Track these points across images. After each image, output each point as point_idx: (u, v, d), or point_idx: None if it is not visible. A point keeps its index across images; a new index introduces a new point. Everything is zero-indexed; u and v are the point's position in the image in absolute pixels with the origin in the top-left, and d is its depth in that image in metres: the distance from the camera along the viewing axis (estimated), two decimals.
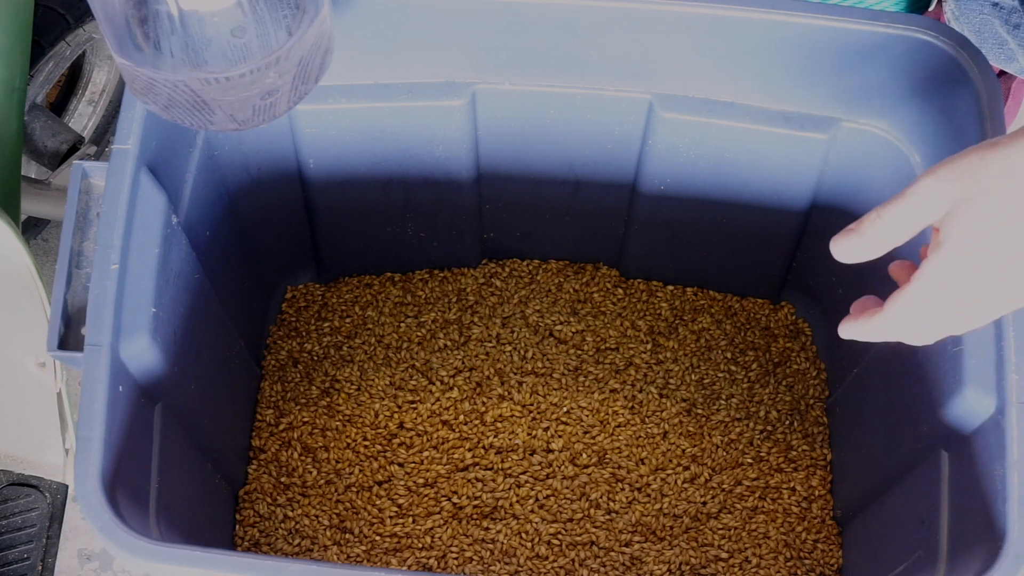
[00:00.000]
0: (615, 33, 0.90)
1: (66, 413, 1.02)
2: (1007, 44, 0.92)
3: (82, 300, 0.80)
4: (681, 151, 0.99)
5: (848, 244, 0.66)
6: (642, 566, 1.04)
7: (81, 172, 0.82)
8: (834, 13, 0.87)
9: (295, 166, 1.02)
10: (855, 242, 0.66)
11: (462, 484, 1.07)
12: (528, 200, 1.09)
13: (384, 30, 0.92)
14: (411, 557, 1.04)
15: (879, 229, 0.65)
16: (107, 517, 0.73)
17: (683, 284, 1.16)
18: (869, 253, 0.66)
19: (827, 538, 1.06)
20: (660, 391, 1.11)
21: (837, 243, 0.67)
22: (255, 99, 0.69)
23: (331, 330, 1.14)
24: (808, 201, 1.02)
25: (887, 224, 0.65)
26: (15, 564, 1.14)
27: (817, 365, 1.13)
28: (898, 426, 0.94)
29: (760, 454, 1.08)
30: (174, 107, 0.69)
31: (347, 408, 1.10)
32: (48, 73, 1.28)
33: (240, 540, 1.05)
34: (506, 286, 1.16)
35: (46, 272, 1.36)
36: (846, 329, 0.70)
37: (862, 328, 0.69)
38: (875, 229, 0.65)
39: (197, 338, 0.91)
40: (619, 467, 1.08)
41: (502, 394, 1.10)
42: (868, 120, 0.94)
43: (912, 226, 0.65)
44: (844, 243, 0.66)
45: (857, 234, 0.66)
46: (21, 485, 1.15)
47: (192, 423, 0.93)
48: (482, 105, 0.98)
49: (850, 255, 0.67)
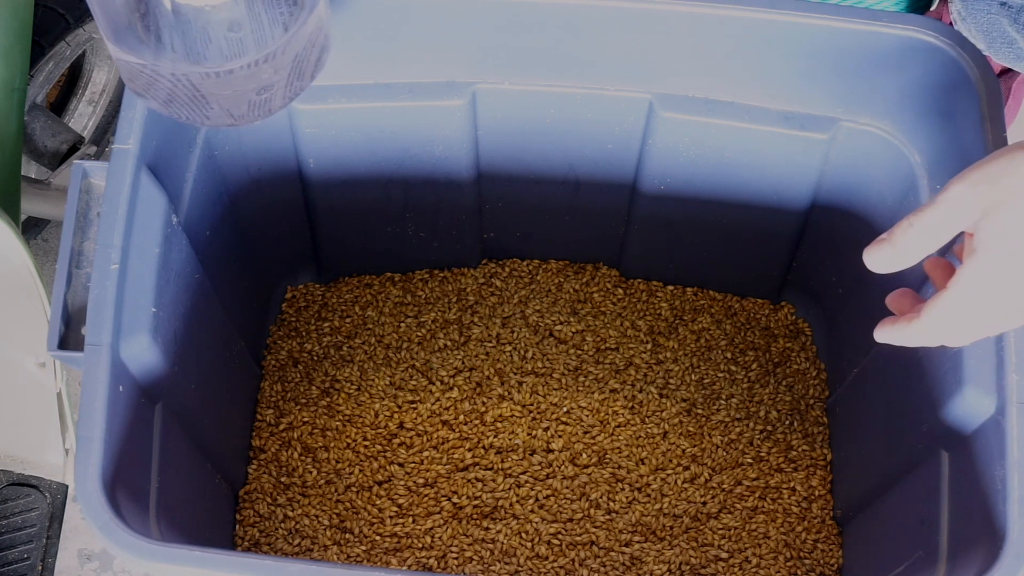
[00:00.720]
0: (615, 33, 0.90)
1: (66, 413, 1.02)
2: (1016, 43, 0.92)
3: (82, 300, 0.80)
4: (681, 151, 0.99)
5: (881, 254, 0.66)
6: (642, 566, 1.04)
7: (81, 172, 0.82)
8: (834, 13, 0.87)
9: (295, 166, 1.02)
10: (888, 251, 0.66)
11: (462, 484, 1.07)
12: (528, 200, 1.09)
13: (384, 30, 0.92)
14: (411, 557, 1.04)
15: (912, 238, 0.65)
16: (107, 517, 0.73)
17: (683, 284, 1.16)
18: (904, 262, 0.66)
19: (827, 538, 1.06)
20: (660, 391, 1.11)
21: (870, 254, 0.66)
22: (251, 94, 0.69)
23: (331, 330, 1.14)
24: (808, 201, 1.02)
25: (920, 232, 0.64)
26: (15, 564, 1.14)
27: (817, 365, 1.13)
28: (898, 426, 0.94)
29: (760, 454, 1.08)
30: (174, 102, 0.69)
31: (347, 408, 1.10)
32: (48, 73, 1.28)
33: (240, 540, 1.05)
34: (506, 286, 1.16)
35: (46, 272, 1.36)
36: (883, 333, 0.69)
37: (899, 333, 0.68)
38: (907, 238, 0.65)
39: (197, 338, 0.91)
40: (619, 467, 1.08)
41: (502, 394, 1.10)
42: (868, 120, 0.94)
43: (945, 233, 0.64)
44: (878, 253, 0.66)
45: (890, 244, 0.65)
46: (21, 485, 1.15)
47: (192, 423, 0.93)
48: (482, 105, 0.98)
49: (884, 265, 0.66)
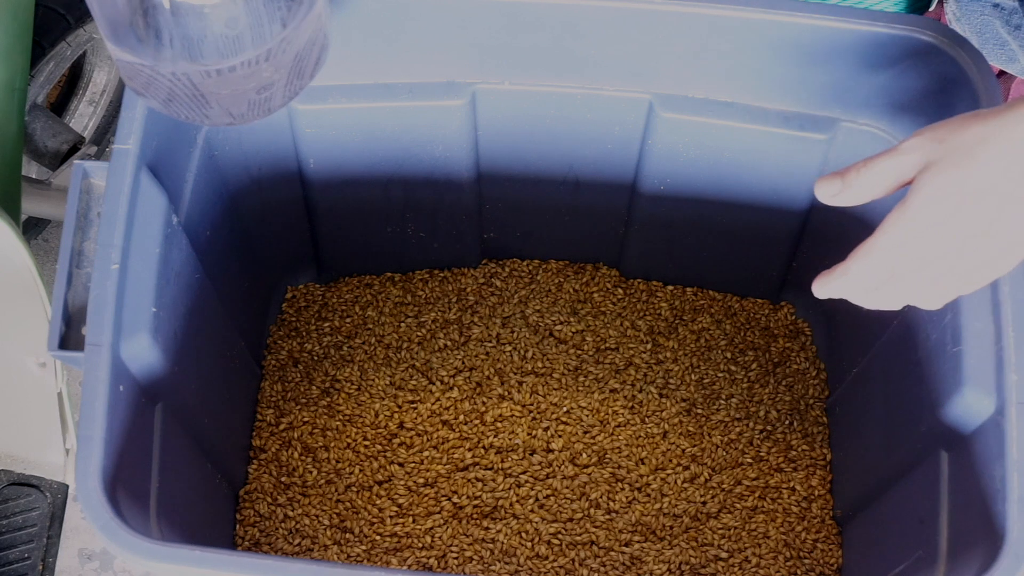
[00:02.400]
0: (615, 33, 0.90)
1: (66, 413, 1.02)
2: (1008, 45, 0.92)
3: (83, 300, 0.80)
4: (681, 151, 0.99)
5: (832, 187, 0.70)
6: (642, 566, 1.04)
7: (82, 172, 0.82)
8: (834, 13, 0.87)
9: (295, 166, 1.02)
10: (837, 185, 0.70)
11: (462, 484, 1.07)
12: (528, 200, 1.09)
13: (384, 30, 0.92)
14: (411, 557, 1.04)
15: (862, 177, 0.69)
16: (107, 517, 0.74)
17: (683, 284, 1.16)
18: (850, 199, 0.70)
19: (827, 538, 1.06)
20: (660, 391, 1.11)
21: (821, 184, 0.71)
22: (251, 93, 0.69)
23: (331, 330, 1.14)
24: (808, 201, 1.02)
25: (869, 173, 0.69)
26: (16, 564, 1.14)
27: (817, 365, 1.13)
28: (898, 426, 0.94)
29: (760, 454, 1.08)
30: (174, 101, 0.69)
31: (347, 408, 1.10)
32: (49, 73, 1.28)
33: (240, 540, 1.05)
34: (506, 286, 1.16)
35: (46, 272, 1.36)
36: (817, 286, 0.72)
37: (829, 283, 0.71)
38: (859, 176, 0.69)
39: (197, 338, 0.91)
40: (619, 467, 1.08)
41: (502, 394, 1.10)
42: (868, 120, 0.94)
43: (892, 179, 0.69)
44: (828, 185, 0.71)
45: (841, 178, 0.70)
46: (21, 485, 1.15)
47: (192, 423, 0.93)
48: (482, 105, 0.98)
49: (832, 198, 0.71)
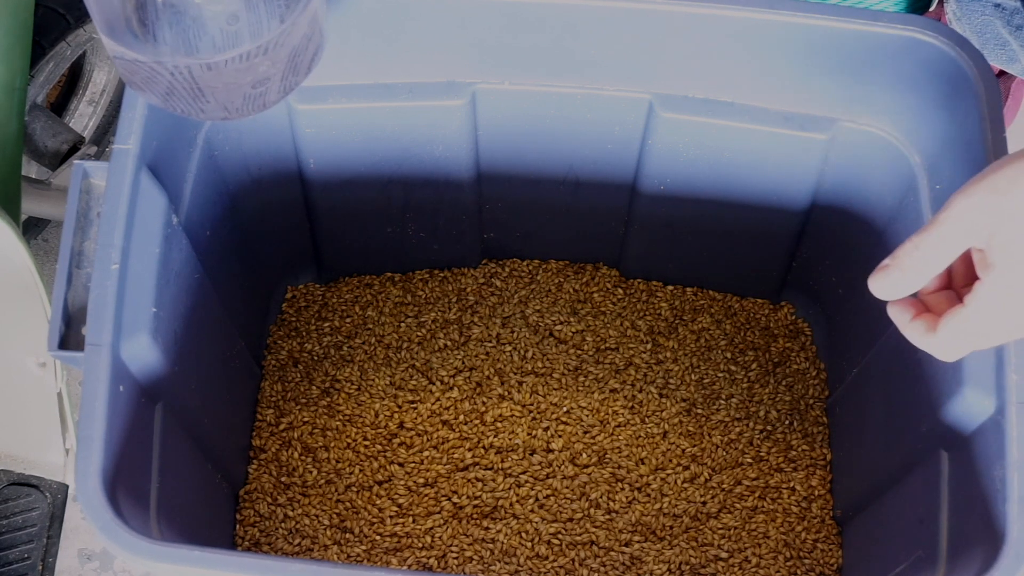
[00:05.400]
0: (615, 33, 0.90)
1: (66, 413, 1.02)
2: (1009, 45, 0.92)
3: (82, 300, 0.80)
4: (681, 151, 0.99)
5: (889, 279, 0.63)
6: (642, 566, 1.04)
7: (82, 172, 0.82)
8: (834, 13, 0.87)
9: (295, 166, 1.02)
10: (895, 276, 0.63)
11: (462, 484, 1.07)
12: (528, 200, 1.09)
13: (384, 30, 0.92)
14: (411, 557, 1.04)
15: (918, 260, 0.62)
16: (108, 517, 0.73)
17: (683, 284, 1.16)
18: (912, 286, 0.63)
19: (827, 538, 1.06)
20: (660, 391, 1.11)
21: (876, 280, 0.63)
22: (246, 87, 0.69)
23: (331, 330, 1.14)
24: (808, 201, 1.02)
25: (926, 253, 0.62)
26: (15, 564, 1.13)
27: (817, 365, 1.13)
28: (898, 426, 0.94)
29: (760, 454, 1.08)
30: (173, 96, 0.69)
31: (347, 408, 1.10)
32: (48, 73, 1.28)
33: (240, 540, 1.05)
34: (506, 286, 1.16)
35: (46, 272, 1.36)
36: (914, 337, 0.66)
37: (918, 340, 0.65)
38: (913, 259, 0.62)
39: (197, 338, 0.91)
40: (619, 467, 1.08)
41: (502, 394, 1.10)
42: (868, 120, 0.94)
43: (953, 251, 0.62)
44: (884, 279, 0.63)
45: (896, 268, 0.63)
46: (21, 485, 1.15)
47: (192, 423, 0.93)
48: (482, 105, 0.98)
49: (892, 291, 0.63)
